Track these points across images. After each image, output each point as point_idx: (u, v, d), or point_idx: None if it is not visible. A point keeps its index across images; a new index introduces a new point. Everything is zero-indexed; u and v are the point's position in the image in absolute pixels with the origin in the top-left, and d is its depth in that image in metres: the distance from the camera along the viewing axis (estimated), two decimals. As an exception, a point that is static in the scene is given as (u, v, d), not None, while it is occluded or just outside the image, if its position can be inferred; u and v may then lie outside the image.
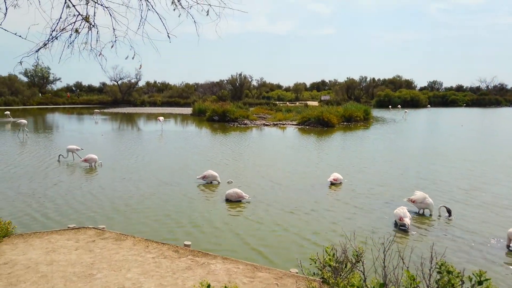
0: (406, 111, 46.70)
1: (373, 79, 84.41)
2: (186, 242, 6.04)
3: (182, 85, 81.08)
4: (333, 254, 3.24)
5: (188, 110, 49.96)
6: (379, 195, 9.93)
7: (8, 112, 35.96)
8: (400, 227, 7.61)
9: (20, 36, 4.90)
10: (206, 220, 7.97)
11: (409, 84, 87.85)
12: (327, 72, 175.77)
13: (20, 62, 5.27)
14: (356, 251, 3.28)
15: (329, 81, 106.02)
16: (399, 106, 64.49)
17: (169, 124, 32.66)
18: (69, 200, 9.31)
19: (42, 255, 5.36)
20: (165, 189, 10.38)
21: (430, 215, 8.46)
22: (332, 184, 11.08)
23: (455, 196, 9.88)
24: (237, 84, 72.30)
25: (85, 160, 13.25)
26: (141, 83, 79.09)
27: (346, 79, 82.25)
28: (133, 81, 73.41)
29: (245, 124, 31.95)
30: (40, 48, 5.66)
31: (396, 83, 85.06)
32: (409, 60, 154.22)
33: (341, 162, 14.75)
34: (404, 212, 7.59)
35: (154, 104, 70.01)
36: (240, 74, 72.80)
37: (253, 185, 10.92)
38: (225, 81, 75.29)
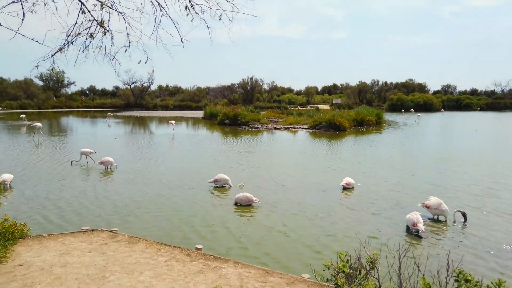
0: (419, 115, 46.21)
1: (385, 82, 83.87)
2: (198, 246, 6.05)
3: (193, 89, 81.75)
4: (347, 260, 3.20)
5: (199, 114, 50.24)
6: (392, 200, 9.80)
7: (23, 115, 36.68)
8: (414, 232, 7.50)
9: (37, 41, 4.98)
10: (217, 223, 7.97)
11: (422, 88, 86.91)
12: (339, 75, 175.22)
13: (36, 66, 5.36)
14: (371, 258, 3.23)
15: (341, 84, 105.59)
16: (412, 110, 63.81)
17: (181, 128, 32.87)
18: (83, 202, 9.42)
19: (56, 257, 5.41)
20: (176, 192, 10.43)
21: (445, 221, 8.32)
22: (344, 188, 10.98)
23: (467, 202, 9.67)
24: (248, 87, 72.50)
25: (101, 163, 13.41)
26: (153, 87, 79.94)
27: (358, 83, 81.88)
28: (145, 85, 74.29)
29: (256, 127, 31.96)
30: (55, 53, 5.75)
31: (409, 87, 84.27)
32: (422, 64, 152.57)
33: (353, 166, 14.62)
34: (417, 218, 7.49)
35: (166, 107, 70.65)
36: (252, 78, 73.04)
37: (264, 189, 10.89)
38: (237, 85, 75.64)
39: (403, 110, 64.52)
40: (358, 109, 39.06)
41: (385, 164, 15.13)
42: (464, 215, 8.16)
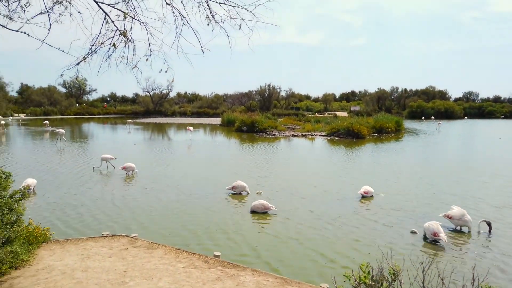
0: (439, 123, 45.31)
1: (405, 89, 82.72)
2: (216, 253, 6.05)
3: (211, 96, 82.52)
4: (369, 272, 3.15)
5: (217, 121, 50.61)
6: (412, 210, 9.59)
7: (47, 122, 37.75)
8: (429, 240, 7.37)
9: (62, 51, 5.14)
10: (234, 231, 7.97)
11: (443, 95, 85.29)
12: (357, 82, 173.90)
13: (61, 75, 5.54)
14: (393, 269, 3.17)
15: (359, 91, 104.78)
16: (432, 117, 62.64)
17: (198, 134, 33.16)
18: (103, 207, 9.58)
19: (78, 261, 5.51)
20: (194, 199, 10.49)
21: (469, 232, 8.09)
22: (362, 197, 10.83)
23: (487, 213, 9.33)
24: (266, 94, 72.73)
25: (124, 168, 13.64)
26: (172, 94, 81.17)
27: (376, 90, 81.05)
28: (164, 92, 75.47)
29: (274, 134, 31.95)
30: (80, 62, 5.91)
31: (429, 94, 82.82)
32: (443, 70, 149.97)
33: (371, 174, 14.42)
34: (437, 227, 7.34)
35: (184, 114, 71.51)
36: (269, 85, 73.28)
37: (280, 196, 10.85)
38: (254, 92, 76.00)
39: (423, 117, 63.42)
40: (377, 116, 38.60)
41: (404, 173, 14.86)
42: (489, 224, 7.92)
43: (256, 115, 38.90)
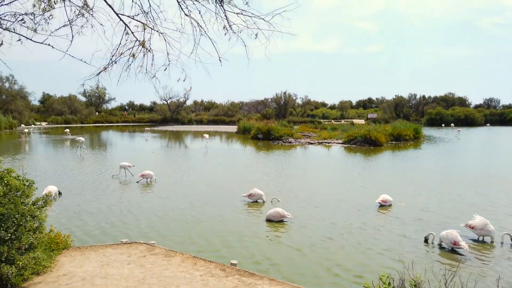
0: (459, 130, 44.38)
1: (423, 96, 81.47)
2: (233, 261, 6.05)
3: (227, 104, 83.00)
4: (389, 283, 3.09)
5: (233, 128, 50.85)
6: (431, 220, 9.38)
7: (67, 130, 38.71)
8: (454, 251, 7.22)
9: (85, 62, 5.28)
10: (250, 239, 7.95)
11: (462, 102, 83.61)
12: (374, 89, 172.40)
13: (83, 84, 5.70)
14: (414, 281, 3.10)
15: (376, 98, 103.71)
16: (452, 124, 61.40)
17: (215, 142, 33.36)
18: (121, 214, 9.71)
19: (97, 268, 5.59)
20: (210, 206, 10.53)
21: (492, 242, 7.85)
22: (380, 205, 10.67)
23: (505, 225, 9.00)
24: (282, 102, 72.75)
25: (142, 176, 13.81)
26: (189, 102, 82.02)
27: (394, 97, 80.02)
28: (181, 100, 76.31)
29: (290, 142, 31.87)
30: (100, 72, 6.06)
31: (449, 101, 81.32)
32: (462, 77, 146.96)
33: (389, 183, 14.20)
34: (456, 236, 7.19)
35: (200, 122, 72.11)
36: (285, 93, 73.33)
37: (296, 204, 10.78)
38: (270, 99, 76.14)
39: (443, 124, 62.26)
40: (395, 123, 38.08)
41: (423, 181, 14.58)
42: (513, 237, 7.68)
43: (272, 123, 38.91)
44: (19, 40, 4.95)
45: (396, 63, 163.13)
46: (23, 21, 4.80)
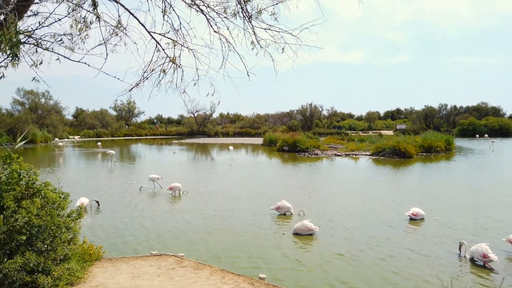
0: (493, 141, 42.67)
1: (455, 106, 79.06)
2: (261, 275, 6.01)
3: (253, 116, 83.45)
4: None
5: (259, 140, 51.01)
6: (465, 234, 9.01)
7: (99, 143, 40.15)
8: (485, 264, 7.04)
9: (118, 79, 5.48)
10: (279, 253, 7.88)
11: (496, 112, 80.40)
12: (402, 100, 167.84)
13: (115, 100, 5.93)
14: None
15: (405, 109, 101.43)
16: (486, 135, 59.14)
17: (240, 154, 33.53)
18: (149, 226, 9.87)
19: (128, 279, 5.69)
20: (237, 219, 10.53)
21: (533, 259, 7.45)
22: (411, 219, 10.36)
23: None
24: (308, 114, 72.51)
25: (171, 188, 14.04)
26: (215, 115, 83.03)
27: (423, 107, 78.16)
28: (208, 113, 77.46)
29: (316, 154, 31.59)
30: (133, 88, 6.27)
31: (482, 111, 78.42)
32: (496, 86, 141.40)
33: (420, 196, 13.78)
34: (486, 248, 7.07)
35: (226, 134, 72.78)
36: (311, 104, 73.10)
37: (324, 218, 10.62)
38: (295, 111, 76.04)
39: (477, 135, 60.11)
40: (425, 134, 37.08)
41: (456, 194, 14.06)
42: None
43: (298, 135, 38.75)
44: (58, 59, 5.22)
45: (425, 72, 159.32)
46: (61, 41, 5.05)
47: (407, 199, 13.13)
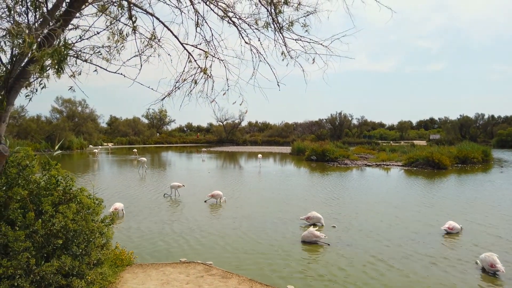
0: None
1: (492, 116, 75.82)
2: (289, 286, 5.95)
3: (281, 125, 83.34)
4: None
5: (287, 149, 50.81)
6: (505, 251, 8.55)
7: (135, 150, 41.97)
8: (490, 273, 7.12)
9: (152, 89, 5.64)
10: (308, 264, 7.77)
11: (538, 121, 76.44)
12: (436, 109, 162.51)
13: (148, 109, 6.11)
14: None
15: (439, 118, 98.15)
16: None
17: (269, 163, 33.49)
18: (179, 233, 9.98)
19: (158, 286, 5.78)
20: (267, 228, 10.48)
21: None
22: (447, 233, 9.96)
23: None
24: (337, 123, 71.70)
25: (212, 196, 14.14)
26: (243, 123, 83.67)
27: (459, 117, 75.40)
28: (236, 121, 78.17)
29: (346, 164, 31.08)
30: (165, 97, 6.43)
31: (522, 120, 74.80)
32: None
33: (456, 209, 13.23)
34: (494, 259, 7.17)
35: (255, 143, 73.05)
36: (340, 113, 72.30)
37: (354, 229, 10.38)
38: (324, 120, 75.38)
39: None
40: (461, 145, 35.73)
41: (494, 208, 13.39)
42: None
43: (327, 144, 38.31)
44: (95, 70, 5.44)
45: (460, 81, 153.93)
46: (99, 53, 5.27)
47: (442, 212, 12.63)
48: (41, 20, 4.58)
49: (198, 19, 5.56)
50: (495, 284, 6.83)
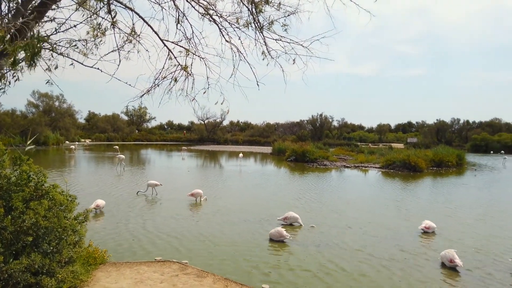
0: (505, 157, 42.03)
1: (467, 121, 78.15)
2: (264, 286, 5.97)
3: (263, 125, 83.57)
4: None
5: (268, 149, 50.96)
6: (484, 254, 8.82)
7: (116, 147, 41.19)
8: (453, 266, 7.60)
9: (130, 85, 5.55)
10: (284, 263, 7.81)
11: (510, 128, 79.17)
12: (414, 113, 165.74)
13: (127, 106, 6.01)
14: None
15: (416, 122, 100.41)
16: (502, 151, 58.01)
17: (249, 162, 33.52)
18: (154, 231, 9.87)
19: (132, 285, 5.69)
20: (244, 228, 10.48)
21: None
22: (424, 232, 10.23)
23: None
24: (318, 124, 72.45)
25: (192, 195, 13.99)
26: (225, 123, 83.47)
27: (435, 121, 77.44)
28: (218, 120, 77.87)
29: (325, 165, 31.43)
30: (144, 94, 6.34)
31: (495, 126, 77.27)
32: (510, 102, 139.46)
33: (431, 210, 13.57)
34: (453, 254, 7.67)
35: (236, 142, 72.97)
36: (321, 115, 73.11)
37: (333, 229, 10.51)
38: (305, 121, 76.03)
39: (492, 151, 59.23)
40: (436, 148, 36.65)
41: (467, 210, 13.81)
42: None
43: (308, 145, 38.62)
44: (72, 64, 5.31)
45: (438, 87, 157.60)
46: (76, 47, 5.15)
47: (417, 213, 12.93)
48: (14, 11, 4.44)
49: (178, 16, 5.51)
50: (453, 277, 7.04)
